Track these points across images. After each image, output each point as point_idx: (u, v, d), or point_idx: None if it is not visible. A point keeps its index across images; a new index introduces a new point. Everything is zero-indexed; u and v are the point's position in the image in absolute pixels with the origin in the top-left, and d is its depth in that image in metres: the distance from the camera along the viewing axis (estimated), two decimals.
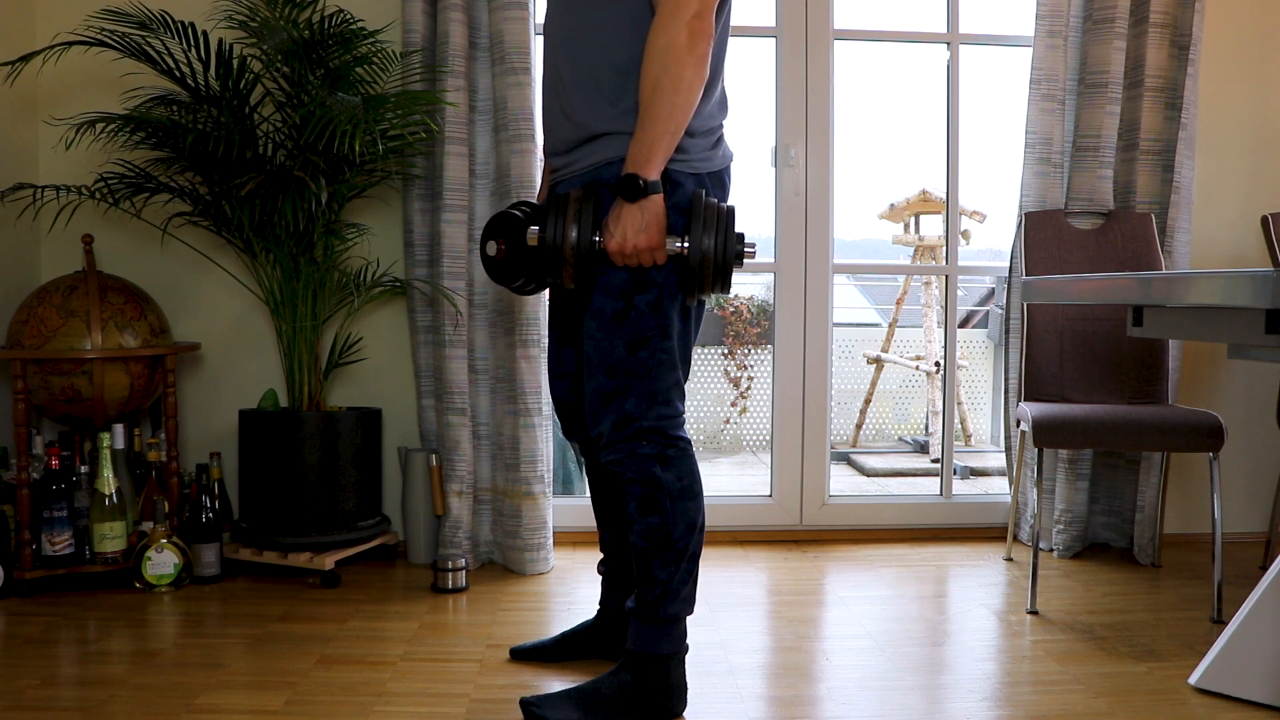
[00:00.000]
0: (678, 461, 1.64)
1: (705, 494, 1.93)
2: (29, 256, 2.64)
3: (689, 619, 2.15)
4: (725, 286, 1.58)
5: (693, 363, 5.90)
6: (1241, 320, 1.49)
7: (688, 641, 1.70)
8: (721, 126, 1.70)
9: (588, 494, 3.34)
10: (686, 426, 1.70)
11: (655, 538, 1.63)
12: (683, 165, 1.61)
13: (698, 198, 1.55)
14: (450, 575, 2.38)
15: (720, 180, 1.68)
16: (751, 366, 6.09)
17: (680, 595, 1.66)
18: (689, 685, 1.77)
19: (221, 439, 2.74)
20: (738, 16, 2.82)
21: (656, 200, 1.53)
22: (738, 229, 1.59)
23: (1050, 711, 1.70)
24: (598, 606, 1.98)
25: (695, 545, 1.66)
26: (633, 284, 1.60)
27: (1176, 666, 1.90)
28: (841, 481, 4.99)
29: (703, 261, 1.53)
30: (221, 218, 2.41)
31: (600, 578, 1.96)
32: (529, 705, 1.63)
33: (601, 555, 1.96)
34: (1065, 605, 2.30)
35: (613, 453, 1.64)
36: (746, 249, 1.58)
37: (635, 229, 1.53)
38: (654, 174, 1.53)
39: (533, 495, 2.54)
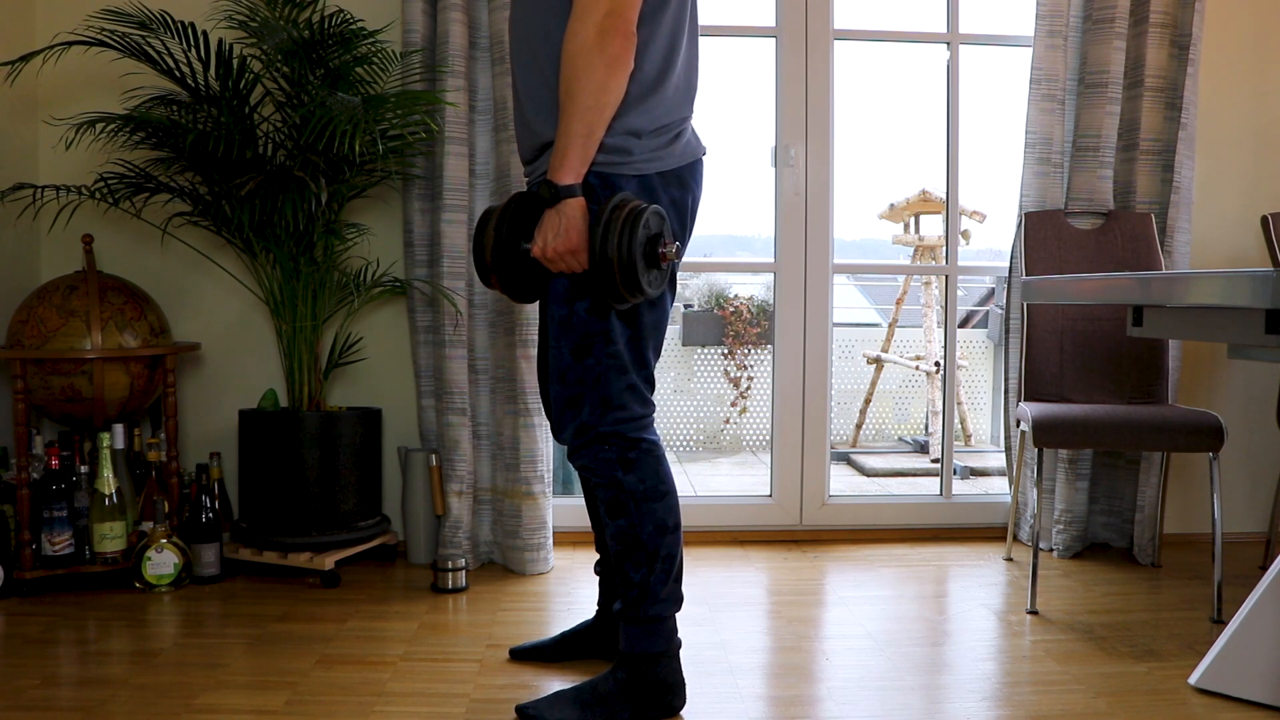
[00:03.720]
0: (640, 464, 1.63)
1: (705, 494, 1.93)
2: (29, 256, 2.64)
3: (689, 618, 2.15)
4: (638, 289, 1.51)
5: (693, 363, 5.89)
6: (1241, 320, 1.49)
7: (680, 638, 1.70)
8: (683, 121, 1.65)
9: None
10: (665, 428, 1.69)
11: (625, 540, 1.64)
12: (623, 169, 1.58)
13: (609, 199, 1.52)
14: (450, 575, 2.38)
15: (679, 178, 1.64)
16: (751, 366, 6.09)
17: (660, 596, 1.65)
18: (688, 684, 1.77)
19: (221, 439, 2.74)
20: (738, 16, 2.83)
21: (573, 204, 1.52)
22: (669, 228, 1.54)
23: (1050, 711, 1.70)
24: (596, 607, 1.98)
25: (668, 546, 1.65)
26: (573, 290, 1.60)
27: (1176, 666, 1.90)
28: (841, 481, 4.99)
29: (606, 263, 1.48)
30: (221, 218, 2.41)
31: (598, 578, 1.96)
32: (525, 712, 1.63)
33: (599, 556, 1.96)
34: (1065, 605, 2.30)
35: (578, 458, 1.66)
36: (663, 249, 1.52)
37: (554, 233, 1.52)
38: (568, 178, 1.51)
39: (533, 495, 2.54)
